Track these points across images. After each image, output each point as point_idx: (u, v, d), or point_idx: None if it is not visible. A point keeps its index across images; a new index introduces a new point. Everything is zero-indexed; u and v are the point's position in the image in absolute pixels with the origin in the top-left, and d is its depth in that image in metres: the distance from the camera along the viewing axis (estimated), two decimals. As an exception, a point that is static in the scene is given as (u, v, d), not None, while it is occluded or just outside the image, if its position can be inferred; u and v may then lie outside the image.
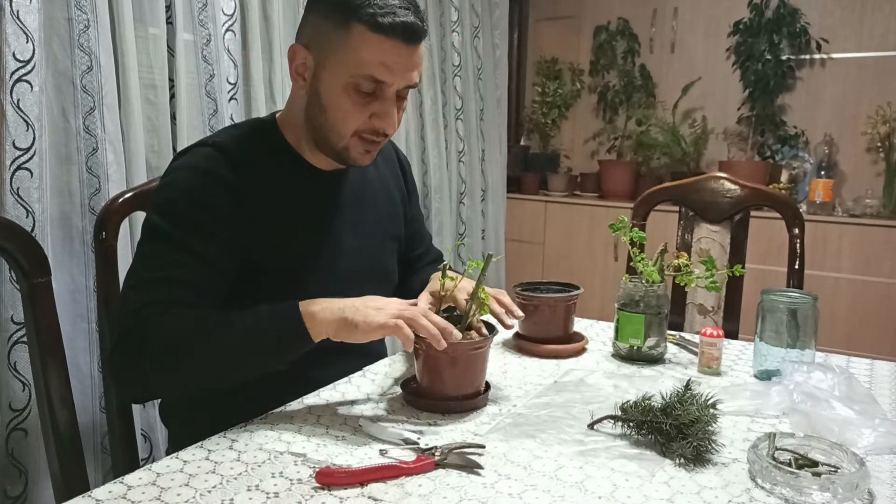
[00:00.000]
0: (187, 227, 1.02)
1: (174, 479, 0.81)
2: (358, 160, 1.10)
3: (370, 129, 1.07)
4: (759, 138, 3.23)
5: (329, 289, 1.06)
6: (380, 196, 1.27)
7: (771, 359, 1.19)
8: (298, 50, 1.07)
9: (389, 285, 1.29)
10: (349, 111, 1.05)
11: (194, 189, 1.04)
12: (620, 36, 3.54)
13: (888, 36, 3.00)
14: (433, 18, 2.89)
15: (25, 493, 1.42)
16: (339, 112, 1.05)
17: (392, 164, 1.34)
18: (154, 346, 0.95)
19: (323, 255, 1.14)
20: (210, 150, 1.08)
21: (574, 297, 1.35)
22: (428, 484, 0.81)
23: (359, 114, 1.05)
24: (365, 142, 1.08)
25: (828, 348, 1.39)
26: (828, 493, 0.77)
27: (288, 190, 1.11)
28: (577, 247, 3.39)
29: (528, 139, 3.88)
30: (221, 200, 1.04)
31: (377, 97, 1.05)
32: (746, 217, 1.74)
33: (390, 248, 1.30)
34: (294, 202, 1.12)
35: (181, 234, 1.02)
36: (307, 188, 1.14)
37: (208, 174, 1.05)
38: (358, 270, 1.18)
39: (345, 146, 1.08)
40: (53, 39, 1.49)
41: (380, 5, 1.00)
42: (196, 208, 1.03)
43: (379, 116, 1.06)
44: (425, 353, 1.03)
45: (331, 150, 1.10)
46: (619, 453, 0.90)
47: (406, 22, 1.00)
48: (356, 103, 1.04)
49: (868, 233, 2.77)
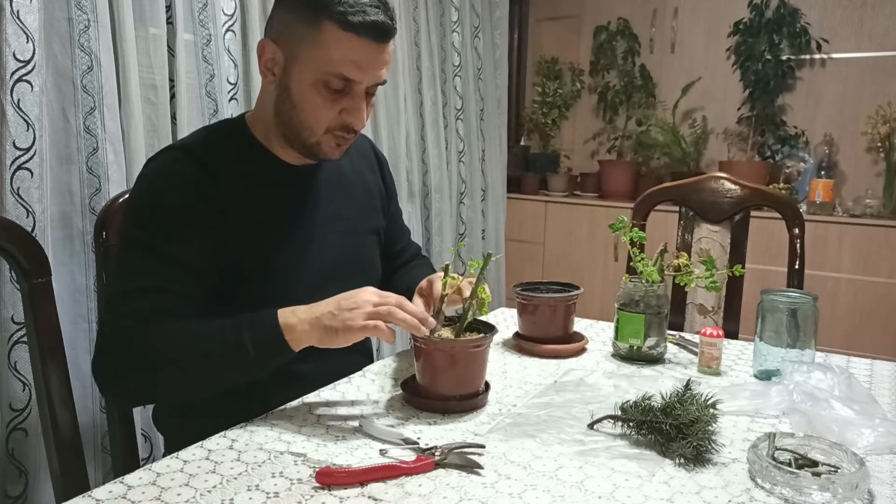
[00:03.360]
0: (160, 233, 1.03)
1: (174, 478, 0.81)
2: (329, 154, 1.11)
3: (340, 126, 1.08)
4: (759, 138, 3.23)
5: (310, 284, 1.07)
6: (356, 189, 1.27)
7: (771, 359, 1.19)
8: (267, 45, 1.07)
9: (373, 279, 1.28)
10: (319, 107, 1.05)
11: (164, 194, 1.05)
12: (620, 36, 3.54)
13: (888, 36, 3.00)
14: (433, 18, 2.89)
15: (25, 493, 1.42)
16: (309, 108, 1.06)
17: (368, 159, 1.34)
18: (135, 360, 0.97)
19: (300, 250, 1.14)
20: (176, 153, 1.09)
21: (574, 297, 1.35)
22: (428, 484, 0.82)
23: (328, 110, 1.06)
24: (336, 137, 1.09)
25: (828, 348, 1.39)
26: (828, 493, 0.77)
27: (259, 187, 1.11)
28: (577, 247, 3.39)
29: (528, 139, 3.88)
30: (191, 203, 1.04)
31: (346, 94, 1.05)
32: (746, 217, 1.74)
33: (370, 241, 1.29)
34: (266, 198, 1.12)
35: (155, 240, 1.02)
36: (279, 184, 1.14)
37: (176, 177, 1.05)
38: (338, 264, 1.18)
39: (316, 142, 1.09)
40: (54, 39, 1.49)
41: (350, 3, 1.00)
42: (167, 213, 1.04)
43: (349, 112, 1.06)
44: (425, 352, 1.03)
45: (301, 146, 1.11)
46: (619, 453, 0.90)
47: (376, 21, 1.01)
48: (326, 99, 1.05)
49: (868, 233, 2.77)
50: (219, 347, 0.96)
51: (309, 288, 1.05)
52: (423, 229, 2.93)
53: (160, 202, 1.04)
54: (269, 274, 1.10)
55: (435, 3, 2.90)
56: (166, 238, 1.02)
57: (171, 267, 1.01)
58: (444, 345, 1.02)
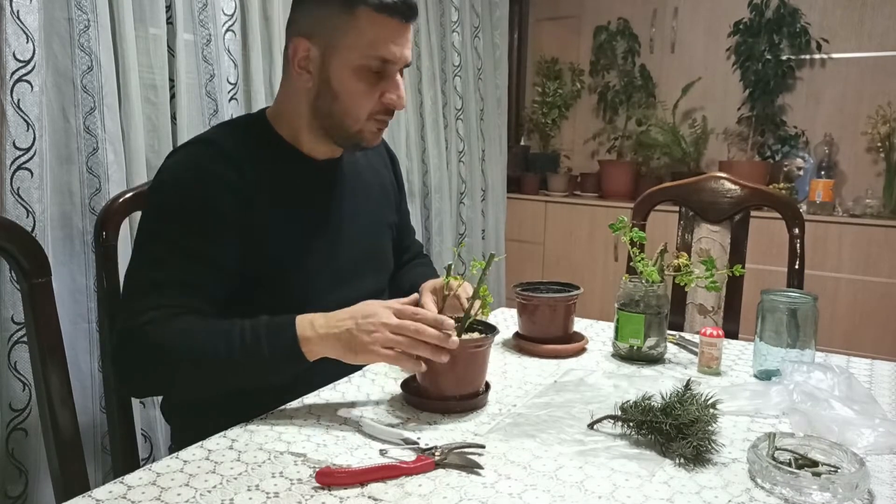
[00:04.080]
0: (185, 227, 1.03)
1: (174, 479, 0.81)
2: (370, 141, 1.13)
3: (382, 109, 1.10)
4: (759, 138, 3.23)
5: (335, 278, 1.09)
6: (373, 184, 1.29)
7: (771, 359, 1.19)
8: (300, 42, 1.07)
9: (386, 272, 1.31)
10: (363, 93, 1.08)
11: (190, 187, 1.05)
12: (620, 36, 3.54)
13: (888, 36, 3.00)
14: (433, 18, 2.89)
15: (25, 493, 1.42)
16: (353, 96, 1.08)
17: (381, 155, 1.36)
18: (155, 353, 0.98)
19: (324, 243, 1.15)
20: (202, 146, 1.09)
21: (574, 297, 1.35)
22: (428, 484, 0.81)
23: (371, 95, 1.08)
24: (377, 122, 1.12)
25: (828, 348, 1.39)
26: (828, 493, 0.77)
27: (284, 180, 1.12)
28: (577, 247, 3.39)
29: (528, 139, 3.88)
30: (217, 196, 1.04)
31: (384, 77, 1.08)
32: (746, 217, 1.74)
33: (386, 235, 1.32)
34: (292, 192, 1.13)
35: (180, 233, 1.02)
36: (304, 178, 1.15)
37: (203, 171, 1.05)
38: (357, 258, 1.20)
39: (359, 129, 1.11)
40: (54, 39, 1.49)
41: None
42: (193, 206, 1.04)
43: (390, 92, 1.09)
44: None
45: (344, 136, 1.12)
46: (619, 453, 0.90)
47: (406, 0, 1.05)
48: (369, 84, 1.07)
49: (868, 233, 2.77)
50: (236, 352, 0.97)
51: (333, 282, 1.09)
52: (423, 229, 2.93)
53: (189, 195, 1.04)
54: (296, 267, 1.11)
55: (435, 3, 2.90)
56: (193, 232, 1.03)
57: (197, 261, 1.02)
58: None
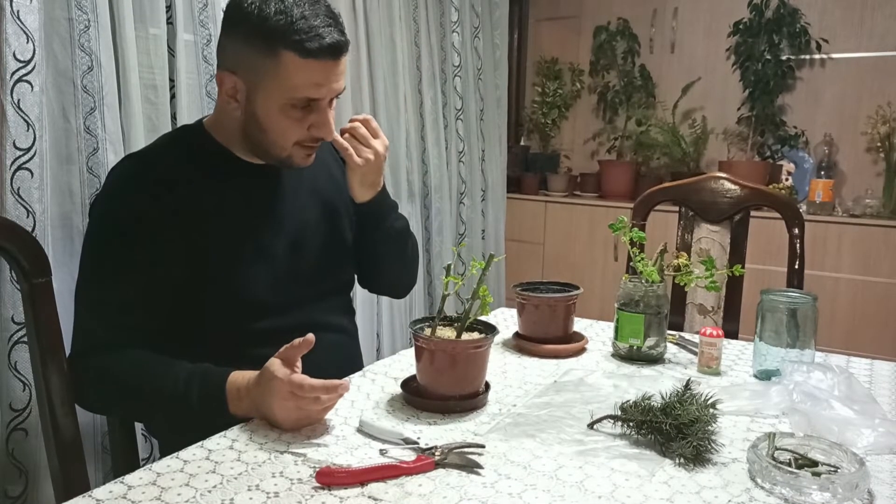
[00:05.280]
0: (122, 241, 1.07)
1: (174, 479, 0.81)
2: (301, 163, 1.15)
3: (310, 138, 1.12)
4: (759, 138, 3.23)
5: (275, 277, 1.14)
6: (319, 176, 1.29)
7: (771, 359, 1.19)
8: (226, 77, 1.09)
9: (343, 263, 1.31)
10: (289, 128, 1.10)
11: (119, 204, 1.09)
12: (620, 36, 3.54)
13: (888, 36, 3.00)
14: (433, 18, 2.89)
15: (25, 493, 1.42)
16: (279, 130, 1.10)
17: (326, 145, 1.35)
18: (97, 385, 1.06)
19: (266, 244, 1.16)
20: (129, 162, 1.14)
21: (574, 297, 1.35)
22: (428, 484, 0.82)
23: (297, 129, 1.10)
24: (305, 148, 1.13)
25: (827, 348, 1.39)
26: (827, 493, 0.77)
27: (220, 185, 1.14)
28: (577, 247, 3.39)
29: (528, 139, 3.88)
30: (146, 208, 1.07)
31: (312, 110, 1.09)
32: (746, 217, 1.74)
33: (341, 226, 1.29)
34: (228, 196, 1.14)
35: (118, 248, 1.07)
36: (242, 181, 1.17)
37: (130, 187, 1.10)
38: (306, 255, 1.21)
39: (287, 155, 1.13)
40: (54, 39, 1.49)
41: (304, 30, 1.02)
42: (123, 220, 1.08)
43: (317, 127, 1.11)
44: (426, 352, 1.03)
45: (273, 159, 1.14)
46: (619, 453, 0.90)
47: (332, 43, 1.04)
48: (294, 120, 1.09)
49: (868, 233, 2.77)
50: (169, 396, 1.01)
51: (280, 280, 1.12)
52: (423, 229, 2.93)
53: (114, 209, 1.09)
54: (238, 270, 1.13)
55: (435, 3, 2.90)
56: (128, 246, 1.06)
57: (137, 276, 1.06)
58: (445, 345, 1.02)
